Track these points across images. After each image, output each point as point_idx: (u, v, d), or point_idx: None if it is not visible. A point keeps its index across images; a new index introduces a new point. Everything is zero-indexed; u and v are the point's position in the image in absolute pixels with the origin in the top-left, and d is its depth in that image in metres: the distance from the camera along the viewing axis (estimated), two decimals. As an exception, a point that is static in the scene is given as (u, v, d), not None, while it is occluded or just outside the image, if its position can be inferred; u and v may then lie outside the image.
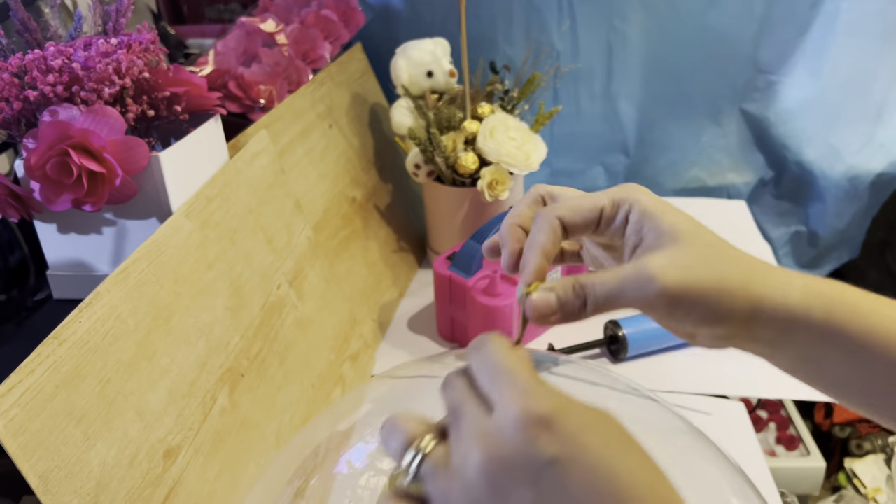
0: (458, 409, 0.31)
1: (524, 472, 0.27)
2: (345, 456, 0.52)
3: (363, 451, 0.52)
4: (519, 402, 0.29)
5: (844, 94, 1.25)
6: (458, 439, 0.30)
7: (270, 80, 0.95)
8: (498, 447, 0.28)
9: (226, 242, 0.74)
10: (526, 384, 0.29)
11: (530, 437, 0.28)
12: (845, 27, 1.21)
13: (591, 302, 0.36)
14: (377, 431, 0.47)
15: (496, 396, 0.30)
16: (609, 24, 1.27)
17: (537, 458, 0.27)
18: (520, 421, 0.28)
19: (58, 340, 0.52)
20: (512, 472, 0.28)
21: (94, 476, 0.53)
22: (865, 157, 1.28)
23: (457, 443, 0.30)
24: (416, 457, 0.31)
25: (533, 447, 0.28)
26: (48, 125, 0.60)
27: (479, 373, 0.31)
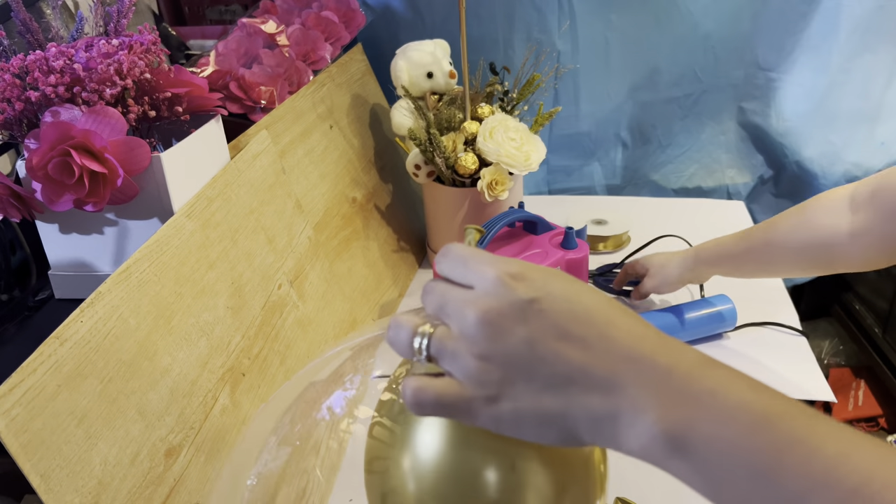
0: (444, 297, 0.36)
1: (513, 314, 0.34)
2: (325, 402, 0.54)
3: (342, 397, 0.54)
4: (492, 267, 0.35)
5: (844, 93, 1.25)
6: (451, 315, 0.35)
7: (271, 81, 0.95)
8: (487, 303, 0.34)
9: (227, 242, 0.74)
10: (491, 257, 0.36)
11: (510, 287, 0.34)
12: (845, 25, 1.21)
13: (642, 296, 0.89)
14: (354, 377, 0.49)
15: (472, 274, 0.36)
16: (608, 23, 1.27)
17: (520, 301, 0.34)
18: (498, 279, 0.35)
19: (59, 340, 0.52)
20: (504, 318, 0.34)
21: (95, 475, 0.53)
22: (865, 156, 1.28)
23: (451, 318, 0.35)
24: (423, 339, 0.36)
25: (514, 293, 0.34)
26: (50, 126, 0.61)
27: (452, 269, 0.37)
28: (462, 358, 0.35)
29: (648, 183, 1.43)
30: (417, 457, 0.40)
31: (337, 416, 0.53)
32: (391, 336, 0.37)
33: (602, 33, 1.28)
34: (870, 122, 1.26)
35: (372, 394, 0.51)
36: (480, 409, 0.35)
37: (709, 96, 1.33)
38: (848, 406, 1.46)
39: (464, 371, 0.35)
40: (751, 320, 1.01)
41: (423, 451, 0.40)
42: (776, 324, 1.01)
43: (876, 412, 1.44)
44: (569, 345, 0.34)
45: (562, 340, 0.34)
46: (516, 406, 0.34)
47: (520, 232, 1.04)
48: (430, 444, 0.40)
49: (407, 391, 0.36)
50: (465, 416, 0.36)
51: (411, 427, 0.41)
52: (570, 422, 0.34)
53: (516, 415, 0.35)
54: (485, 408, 0.35)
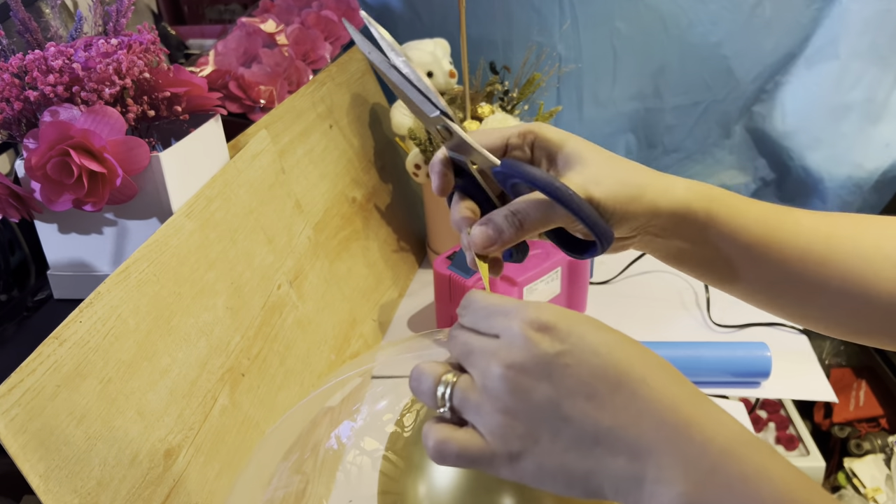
0: (468, 347, 0.35)
1: (538, 370, 0.33)
2: (334, 432, 0.54)
3: (349, 427, 0.54)
4: (517, 319, 0.34)
5: (849, 95, 1.25)
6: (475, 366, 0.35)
7: (271, 80, 0.95)
8: (511, 358, 0.33)
9: (226, 242, 0.74)
10: (517, 306, 0.35)
11: (535, 341, 0.33)
12: (852, 28, 1.21)
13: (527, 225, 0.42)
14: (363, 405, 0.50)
15: (497, 324, 0.35)
16: (611, 24, 1.27)
17: (546, 356, 0.33)
18: (523, 332, 0.33)
19: (58, 340, 0.52)
20: (528, 374, 0.33)
21: (94, 475, 0.53)
22: (870, 157, 1.28)
23: (475, 369, 0.35)
24: (446, 388, 0.35)
25: (538, 348, 0.33)
26: (49, 125, 0.61)
27: (476, 318, 0.36)
28: (485, 412, 0.34)
29: None
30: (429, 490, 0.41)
31: (345, 446, 0.53)
32: (414, 385, 0.37)
33: (607, 40, 1.28)
34: (874, 124, 1.26)
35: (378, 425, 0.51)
36: (503, 463, 0.34)
37: (718, 105, 1.33)
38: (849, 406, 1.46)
39: (487, 425, 0.34)
40: (753, 320, 1.01)
41: (433, 485, 0.41)
42: (778, 324, 1.01)
43: (877, 412, 1.44)
44: (596, 405, 0.32)
45: (589, 400, 0.33)
46: (539, 463, 0.33)
47: (520, 232, 1.04)
48: (440, 480, 0.41)
49: (429, 441, 0.35)
50: (487, 469, 0.35)
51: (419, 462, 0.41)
52: (594, 482, 0.33)
53: (540, 471, 0.34)
54: (507, 463, 0.34)
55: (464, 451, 0.35)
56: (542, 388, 0.33)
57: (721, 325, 1.01)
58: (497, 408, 0.34)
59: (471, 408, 0.35)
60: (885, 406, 1.45)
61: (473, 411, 0.34)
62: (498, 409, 0.33)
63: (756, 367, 0.89)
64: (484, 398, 0.34)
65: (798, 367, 0.94)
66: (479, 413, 0.34)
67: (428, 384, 0.36)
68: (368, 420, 0.53)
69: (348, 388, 0.56)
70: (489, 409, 0.34)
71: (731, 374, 0.90)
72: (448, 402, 0.35)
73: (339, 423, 0.54)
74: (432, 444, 0.35)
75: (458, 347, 0.36)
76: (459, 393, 0.35)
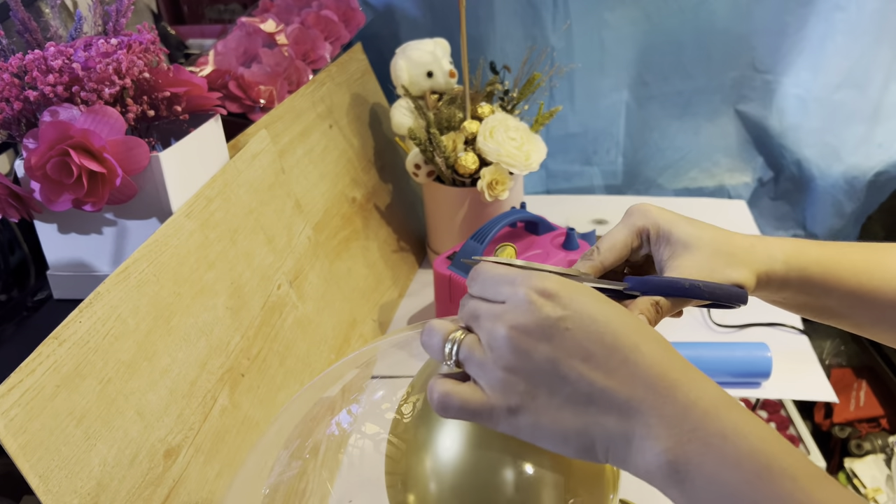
0: (476, 311, 0.38)
1: (540, 333, 0.35)
2: (335, 419, 0.55)
3: (349, 414, 0.55)
4: (523, 285, 0.36)
5: (841, 94, 1.25)
6: (481, 327, 0.37)
7: (270, 80, 0.95)
8: (516, 320, 0.36)
9: (226, 242, 0.74)
10: (521, 274, 0.37)
11: (539, 305, 0.36)
12: (841, 27, 1.21)
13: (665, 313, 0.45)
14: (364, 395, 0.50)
15: (504, 291, 0.37)
16: (599, 15, 1.27)
17: (548, 320, 0.35)
18: (528, 297, 0.36)
19: (58, 340, 0.52)
20: (531, 335, 0.35)
21: (94, 476, 0.53)
22: (863, 157, 1.28)
23: (481, 329, 0.37)
24: (454, 345, 0.38)
25: (542, 311, 0.36)
26: (48, 125, 0.61)
27: (484, 287, 0.39)
28: (488, 368, 0.36)
29: (648, 187, 1.43)
30: (434, 463, 0.42)
31: (346, 431, 0.54)
32: (425, 339, 0.39)
33: (597, 32, 1.28)
34: (868, 124, 1.26)
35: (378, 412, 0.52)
36: (501, 417, 0.37)
37: (701, 96, 1.33)
38: (849, 406, 1.46)
39: (489, 380, 0.37)
40: (753, 320, 1.01)
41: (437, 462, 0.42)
42: (778, 324, 1.01)
43: (877, 413, 1.44)
44: (592, 366, 0.35)
45: (586, 361, 0.35)
46: (536, 419, 0.36)
47: (521, 232, 1.04)
48: (444, 457, 0.42)
49: (434, 394, 0.38)
50: (487, 422, 0.37)
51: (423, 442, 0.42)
52: (586, 439, 0.36)
53: (535, 427, 0.36)
54: (506, 417, 0.37)
55: (466, 404, 0.37)
56: (542, 348, 0.35)
57: (721, 325, 1.01)
58: (499, 365, 0.36)
59: (475, 364, 0.37)
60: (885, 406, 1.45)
61: (477, 367, 0.37)
62: (500, 366, 0.36)
63: (757, 367, 0.89)
64: (488, 355, 0.36)
65: (798, 367, 0.94)
66: (482, 369, 0.37)
67: (437, 339, 0.38)
68: (367, 408, 0.54)
69: (347, 379, 0.56)
70: (492, 366, 0.36)
71: (731, 375, 0.90)
72: (454, 357, 0.38)
73: (339, 411, 0.55)
74: (437, 396, 0.37)
75: (467, 312, 0.39)
76: (465, 349, 0.37)
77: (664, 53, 1.29)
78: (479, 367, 0.37)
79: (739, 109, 1.34)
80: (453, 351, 0.38)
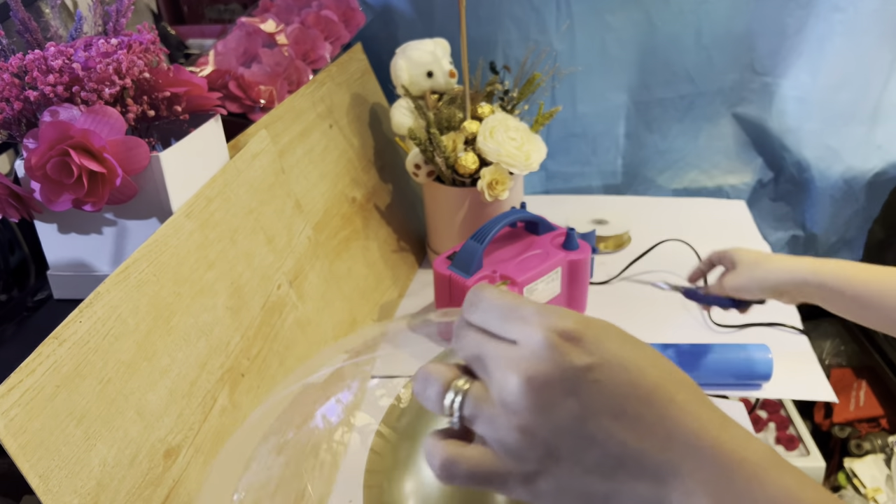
0: (480, 350, 0.32)
1: (564, 385, 0.30)
2: (320, 410, 0.53)
3: (335, 408, 0.53)
4: (540, 325, 0.30)
5: (841, 95, 1.25)
6: (490, 374, 0.31)
7: (271, 80, 0.95)
8: (533, 368, 0.30)
9: (226, 242, 0.74)
10: (537, 309, 0.31)
11: (562, 352, 0.30)
12: (839, 28, 1.21)
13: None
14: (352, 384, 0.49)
15: (514, 328, 0.31)
16: (601, 18, 1.27)
17: (573, 369, 0.30)
18: (547, 340, 0.30)
19: (58, 340, 0.52)
20: (552, 388, 0.30)
21: (94, 476, 0.53)
22: (863, 158, 1.28)
23: (490, 377, 0.31)
24: (456, 396, 0.32)
25: (567, 360, 0.30)
26: (48, 125, 0.61)
27: (487, 317, 0.33)
28: (500, 427, 0.31)
29: (648, 187, 1.43)
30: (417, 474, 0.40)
31: (332, 425, 0.52)
32: (418, 389, 0.33)
33: (599, 34, 1.28)
34: (867, 125, 1.26)
35: (370, 400, 0.51)
36: (518, 484, 0.31)
37: (703, 99, 1.33)
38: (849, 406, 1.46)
39: (502, 443, 0.31)
40: (752, 320, 1.01)
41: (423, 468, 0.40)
42: (778, 324, 1.01)
43: (877, 413, 1.44)
44: (624, 425, 0.30)
45: (617, 419, 0.30)
46: (558, 484, 0.31)
47: (521, 232, 1.04)
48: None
49: (435, 460, 0.32)
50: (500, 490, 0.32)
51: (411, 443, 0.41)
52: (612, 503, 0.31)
53: (557, 493, 0.31)
54: (522, 483, 0.31)
55: (474, 471, 0.31)
56: (567, 404, 0.30)
57: (721, 325, 1.01)
58: (514, 424, 0.30)
59: (484, 421, 0.31)
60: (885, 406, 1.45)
61: (487, 425, 0.31)
62: (515, 425, 0.30)
63: (758, 369, 0.89)
64: (499, 411, 0.31)
65: (798, 367, 0.94)
66: (493, 427, 0.31)
67: (435, 390, 0.32)
68: (359, 395, 0.52)
69: (334, 367, 0.55)
70: (505, 425, 0.31)
71: (732, 377, 0.90)
72: (458, 412, 0.32)
73: (326, 399, 0.53)
74: (439, 462, 0.32)
75: (469, 348, 0.33)
76: (471, 404, 0.31)
77: (665, 56, 1.29)
78: (490, 424, 0.31)
79: (739, 111, 1.34)
80: (455, 404, 0.32)
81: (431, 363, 0.34)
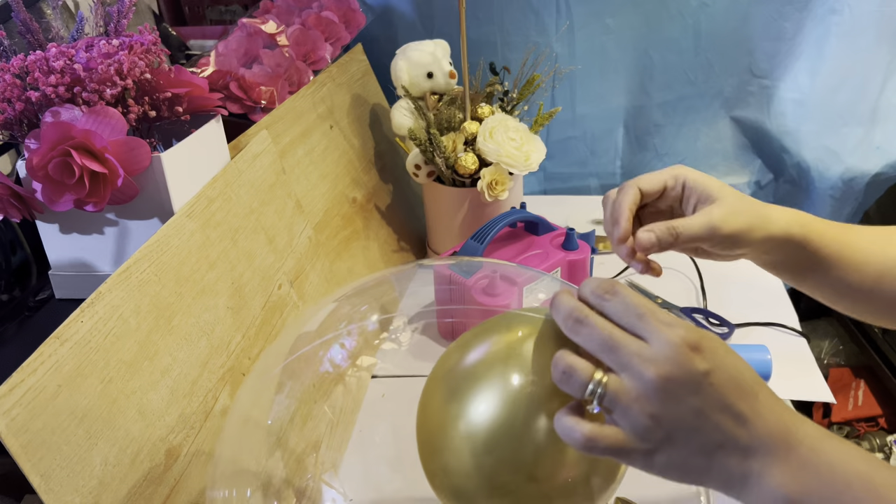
0: (615, 342, 0.39)
1: (689, 385, 0.38)
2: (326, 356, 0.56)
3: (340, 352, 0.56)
4: (674, 332, 0.38)
5: (839, 97, 1.25)
6: (626, 367, 0.39)
7: (271, 81, 0.95)
8: (666, 370, 0.38)
9: (227, 242, 0.74)
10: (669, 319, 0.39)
11: (689, 358, 0.38)
12: (837, 30, 1.21)
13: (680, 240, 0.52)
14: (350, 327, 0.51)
15: (650, 330, 0.39)
16: (602, 21, 1.27)
17: (696, 373, 0.38)
18: (679, 347, 0.38)
19: (60, 340, 0.52)
20: (681, 387, 0.38)
21: (96, 475, 0.53)
22: (862, 159, 1.28)
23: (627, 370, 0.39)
24: (597, 389, 0.39)
25: (693, 365, 0.38)
26: (50, 126, 0.61)
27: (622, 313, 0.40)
28: (633, 414, 0.39)
29: None
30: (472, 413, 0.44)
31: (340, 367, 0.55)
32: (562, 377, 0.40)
33: (598, 36, 1.28)
34: (866, 126, 1.26)
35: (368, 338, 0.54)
36: (638, 457, 0.39)
37: (701, 101, 1.33)
38: (848, 406, 1.46)
39: (633, 426, 0.39)
40: (751, 320, 1.01)
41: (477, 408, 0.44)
42: (776, 324, 1.01)
43: (876, 412, 1.44)
44: (728, 417, 0.39)
45: (723, 412, 0.39)
46: (669, 460, 0.39)
47: (521, 232, 1.04)
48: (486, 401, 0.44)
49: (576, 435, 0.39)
50: (623, 459, 0.40)
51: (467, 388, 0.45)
52: (707, 476, 0.40)
53: (666, 466, 0.39)
54: (642, 457, 0.39)
55: (610, 447, 0.39)
56: (690, 400, 0.38)
57: (720, 326, 1.02)
58: (646, 411, 0.38)
59: (620, 409, 0.39)
60: (883, 406, 1.45)
61: (622, 413, 0.39)
62: (646, 412, 0.38)
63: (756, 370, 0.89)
64: (633, 401, 0.38)
65: (796, 367, 0.94)
66: (626, 415, 0.39)
67: (580, 381, 0.39)
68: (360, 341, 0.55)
69: (322, 315, 0.57)
70: (637, 412, 0.38)
71: None
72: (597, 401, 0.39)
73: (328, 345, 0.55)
74: (582, 438, 0.39)
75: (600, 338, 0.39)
76: (612, 395, 0.39)
77: (663, 58, 1.30)
78: (624, 412, 0.39)
79: (738, 114, 1.35)
80: (596, 396, 0.39)
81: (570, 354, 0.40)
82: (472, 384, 0.44)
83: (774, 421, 0.40)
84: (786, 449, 0.39)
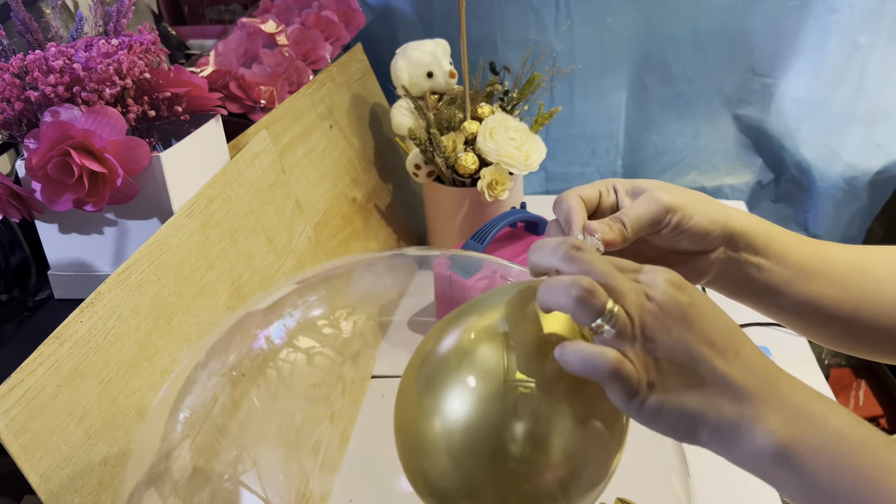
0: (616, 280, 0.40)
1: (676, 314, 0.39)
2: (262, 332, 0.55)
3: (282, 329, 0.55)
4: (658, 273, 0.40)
5: (840, 95, 1.25)
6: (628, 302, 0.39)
7: (271, 80, 0.95)
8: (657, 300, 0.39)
9: (227, 242, 0.74)
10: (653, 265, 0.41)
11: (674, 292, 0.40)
12: (836, 28, 1.21)
13: (630, 227, 0.48)
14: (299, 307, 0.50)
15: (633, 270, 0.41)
16: (601, 20, 1.27)
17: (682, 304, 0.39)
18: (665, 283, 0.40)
19: (59, 340, 0.52)
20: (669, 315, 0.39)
21: (95, 475, 0.53)
22: (863, 157, 1.28)
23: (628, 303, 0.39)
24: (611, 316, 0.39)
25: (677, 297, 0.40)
26: (49, 126, 0.61)
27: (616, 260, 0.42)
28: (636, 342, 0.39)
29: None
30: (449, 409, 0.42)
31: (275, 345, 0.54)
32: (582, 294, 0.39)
33: (598, 35, 1.28)
34: (866, 124, 1.26)
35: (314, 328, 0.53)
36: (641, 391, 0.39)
37: (701, 99, 1.33)
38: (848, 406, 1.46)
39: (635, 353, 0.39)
40: (751, 320, 1.01)
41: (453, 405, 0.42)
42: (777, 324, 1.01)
43: (876, 412, 1.44)
44: (715, 352, 0.39)
45: (710, 347, 0.39)
46: (663, 399, 0.39)
47: (521, 232, 1.04)
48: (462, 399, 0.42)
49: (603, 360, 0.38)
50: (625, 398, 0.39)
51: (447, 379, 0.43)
52: (699, 421, 0.39)
53: (660, 406, 0.39)
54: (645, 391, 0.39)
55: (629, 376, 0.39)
56: (678, 328, 0.39)
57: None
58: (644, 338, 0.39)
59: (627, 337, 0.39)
60: (884, 406, 1.45)
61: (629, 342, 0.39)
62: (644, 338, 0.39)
63: None
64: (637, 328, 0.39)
65: (797, 367, 0.94)
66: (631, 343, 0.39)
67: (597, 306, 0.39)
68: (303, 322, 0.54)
69: (276, 297, 0.56)
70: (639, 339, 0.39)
71: None
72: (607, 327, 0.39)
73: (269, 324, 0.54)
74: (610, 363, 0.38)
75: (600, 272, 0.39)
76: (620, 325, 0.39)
77: (663, 56, 1.30)
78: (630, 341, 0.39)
79: (738, 112, 1.35)
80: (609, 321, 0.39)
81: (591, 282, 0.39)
82: (445, 378, 0.43)
83: (762, 366, 0.40)
84: (777, 395, 0.39)
